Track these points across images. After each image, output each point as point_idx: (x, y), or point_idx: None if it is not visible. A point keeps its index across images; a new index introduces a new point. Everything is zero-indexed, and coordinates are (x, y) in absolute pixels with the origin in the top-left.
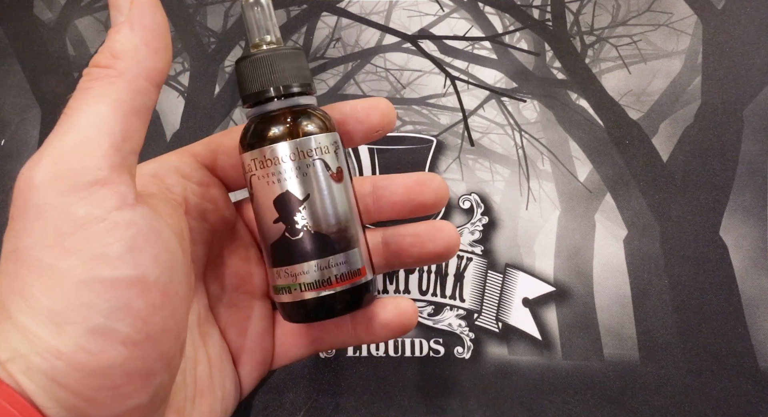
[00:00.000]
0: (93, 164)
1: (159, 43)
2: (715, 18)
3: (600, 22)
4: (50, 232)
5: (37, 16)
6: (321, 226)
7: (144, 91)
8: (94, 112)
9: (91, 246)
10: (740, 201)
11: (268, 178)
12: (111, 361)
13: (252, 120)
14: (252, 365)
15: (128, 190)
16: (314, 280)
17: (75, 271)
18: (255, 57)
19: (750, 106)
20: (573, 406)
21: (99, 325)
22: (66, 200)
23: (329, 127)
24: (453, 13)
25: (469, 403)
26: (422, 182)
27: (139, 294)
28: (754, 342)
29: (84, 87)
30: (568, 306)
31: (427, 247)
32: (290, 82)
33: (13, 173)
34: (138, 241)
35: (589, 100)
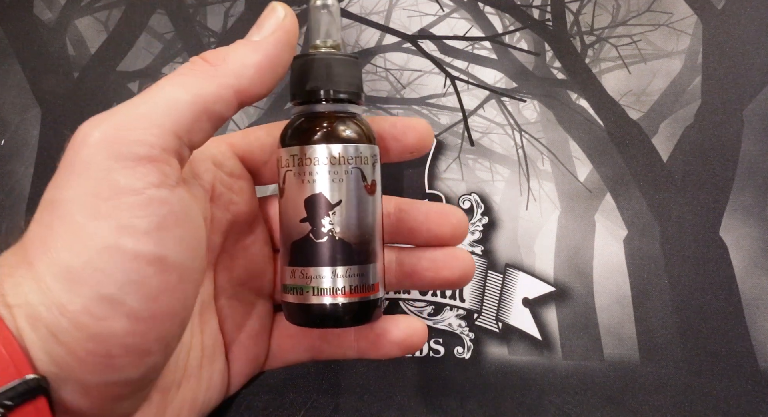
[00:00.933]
0: (149, 141)
1: (268, 75)
2: (715, 18)
3: (600, 22)
4: (89, 192)
5: (37, 16)
6: (346, 234)
7: (227, 101)
8: (173, 96)
9: (123, 215)
10: (740, 201)
11: (303, 176)
12: (112, 330)
13: (298, 117)
14: (243, 362)
15: (173, 171)
16: (328, 286)
17: (101, 236)
18: (314, 57)
19: (750, 106)
20: (573, 406)
21: (110, 294)
22: (112, 165)
23: (372, 139)
24: (453, 13)
25: (469, 403)
26: (444, 214)
27: (156, 272)
28: (754, 342)
29: (181, 71)
30: (568, 306)
31: (441, 273)
32: (343, 88)
33: (13, 173)
34: (168, 221)
35: (589, 100)
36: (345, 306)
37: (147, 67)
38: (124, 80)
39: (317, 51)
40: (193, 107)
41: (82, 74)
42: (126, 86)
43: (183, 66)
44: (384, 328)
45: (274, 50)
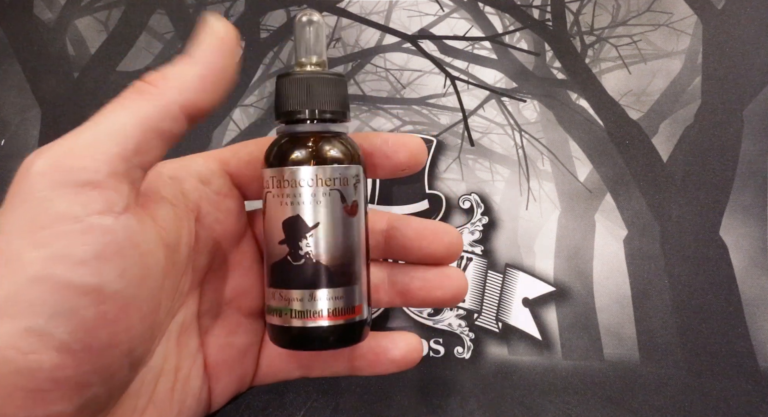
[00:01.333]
0: (93, 166)
1: (212, 85)
2: (715, 18)
3: (600, 22)
4: (27, 221)
5: (37, 16)
6: (324, 257)
7: (174, 117)
8: (116, 121)
9: (59, 244)
10: (740, 201)
11: (282, 198)
12: (39, 364)
13: (280, 137)
14: (227, 382)
15: (119, 198)
16: (305, 309)
17: (33, 266)
18: (296, 76)
19: (750, 106)
20: (573, 406)
21: (37, 326)
22: (52, 194)
23: (354, 158)
24: (453, 13)
25: (469, 403)
26: (436, 233)
27: (91, 304)
28: (754, 342)
29: (123, 96)
30: (568, 306)
31: (433, 293)
32: (325, 107)
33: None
34: (108, 251)
35: (589, 100)
36: (326, 329)
37: (147, 67)
38: (124, 80)
39: (302, 69)
40: (139, 129)
41: (82, 74)
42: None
43: (125, 91)
44: (382, 346)
45: (212, 58)
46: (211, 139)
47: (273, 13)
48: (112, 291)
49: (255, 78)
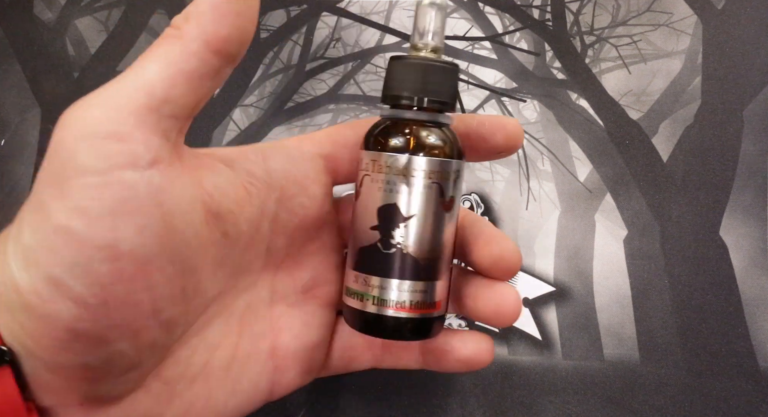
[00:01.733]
0: (118, 117)
1: (229, 9)
2: (715, 18)
3: (600, 22)
4: (55, 172)
5: (37, 16)
6: (414, 249)
7: (199, 55)
8: (142, 69)
9: (79, 196)
10: (740, 201)
11: (381, 183)
12: (57, 313)
13: (385, 119)
14: (296, 372)
15: (146, 151)
16: (389, 298)
17: (56, 216)
18: (413, 60)
19: (750, 106)
20: (573, 406)
21: (56, 276)
22: (78, 145)
23: (458, 153)
24: (453, 13)
25: (469, 403)
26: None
27: (106, 259)
28: (754, 342)
29: (153, 44)
30: (568, 306)
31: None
32: (437, 96)
33: (13, 173)
34: (126, 206)
35: (589, 100)
36: (404, 320)
37: None
38: None
39: (417, 53)
40: (163, 74)
41: (82, 74)
42: None
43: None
44: (452, 345)
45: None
46: (211, 139)
47: (273, 13)
48: (128, 248)
49: (255, 78)
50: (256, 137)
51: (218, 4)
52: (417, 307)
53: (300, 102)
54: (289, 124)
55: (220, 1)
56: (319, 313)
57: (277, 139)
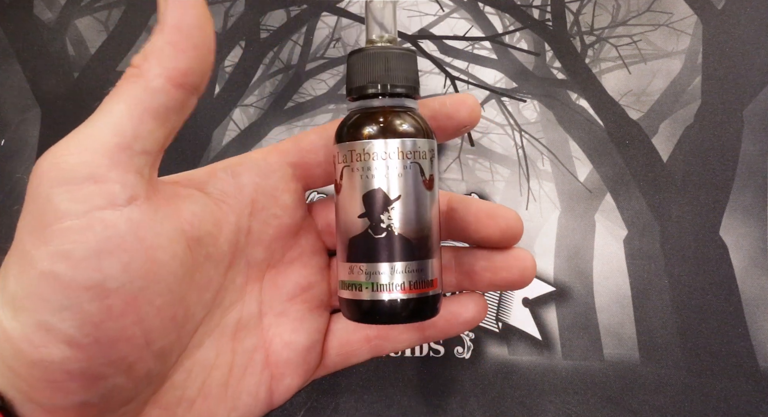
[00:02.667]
0: (91, 160)
1: (186, 43)
2: (715, 18)
3: (600, 22)
4: (35, 219)
5: (37, 16)
6: (405, 230)
7: (162, 90)
8: (109, 111)
9: (60, 241)
10: (740, 201)
11: (361, 171)
12: (50, 357)
13: (354, 112)
14: (293, 378)
15: (122, 189)
16: (387, 282)
17: (40, 262)
18: (369, 52)
19: (750, 106)
20: (573, 406)
21: (46, 321)
22: (55, 191)
23: (429, 133)
24: (453, 13)
25: (469, 403)
26: (493, 216)
27: (93, 299)
28: (754, 342)
29: (115, 86)
30: (568, 306)
31: (500, 274)
32: (400, 82)
33: (13, 173)
34: (110, 245)
35: (589, 100)
36: (403, 302)
37: None
38: None
39: (373, 45)
40: (132, 114)
41: (82, 74)
42: None
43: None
44: (453, 312)
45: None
46: (211, 139)
47: (273, 13)
48: (115, 286)
49: (255, 78)
50: (256, 137)
51: (174, 39)
52: (415, 287)
53: (300, 102)
54: (289, 124)
55: (175, 37)
56: (309, 317)
57: (277, 139)
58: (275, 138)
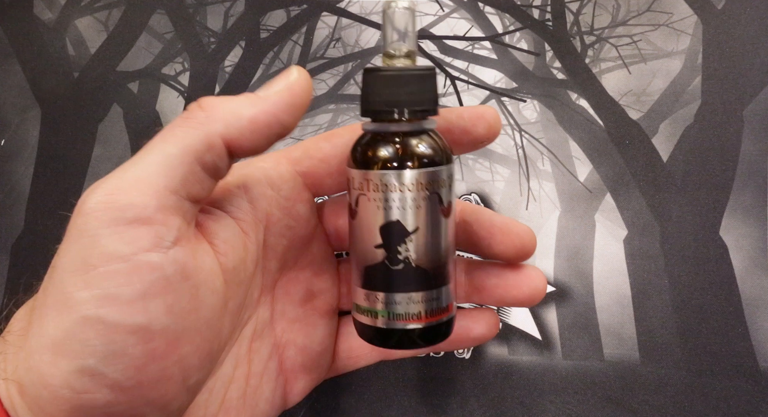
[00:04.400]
0: (141, 202)
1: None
2: (715, 18)
3: (600, 22)
4: (79, 260)
5: (37, 16)
6: (422, 261)
7: (218, 151)
8: (163, 152)
9: (107, 284)
10: (740, 201)
11: (379, 202)
12: (93, 402)
13: (369, 133)
14: (306, 381)
15: (168, 232)
16: (404, 312)
17: (84, 306)
18: (390, 72)
19: (750, 106)
20: (573, 406)
21: (89, 366)
22: (102, 232)
23: (449, 157)
24: (453, 13)
25: (469, 403)
26: (507, 232)
27: (139, 342)
28: (754, 342)
29: (174, 123)
30: (568, 306)
31: (510, 292)
32: (422, 104)
33: (13, 173)
34: (156, 287)
35: (589, 100)
36: (420, 330)
37: (147, 67)
38: (124, 80)
39: (391, 60)
40: (183, 159)
41: (82, 74)
42: (126, 86)
43: (178, 117)
44: (464, 326)
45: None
46: None
47: (273, 13)
48: (160, 328)
49: (255, 78)
50: None
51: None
52: (431, 315)
53: None
54: None
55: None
56: (320, 322)
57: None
58: None
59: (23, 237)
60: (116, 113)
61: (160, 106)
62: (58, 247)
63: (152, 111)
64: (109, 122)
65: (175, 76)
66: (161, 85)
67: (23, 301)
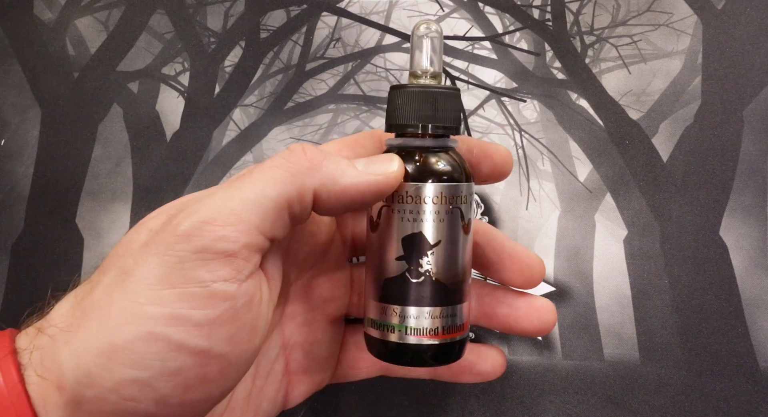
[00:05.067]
0: (233, 236)
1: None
2: (715, 18)
3: (600, 22)
4: (158, 275)
5: (37, 16)
6: (442, 275)
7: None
8: (261, 193)
9: (181, 305)
10: (740, 201)
11: (403, 214)
12: (135, 410)
13: (392, 148)
14: (308, 385)
15: (247, 266)
16: (420, 327)
17: (152, 322)
18: (416, 89)
19: (750, 106)
20: (573, 406)
21: (142, 378)
22: (191, 256)
23: (469, 176)
24: (453, 13)
25: (469, 403)
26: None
27: (196, 364)
28: (754, 342)
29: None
30: (568, 306)
31: (520, 323)
32: (445, 122)
33: (13, 173)
34: (225, 316)
35: (589, 100)
36: (433, 347)
37: (147, 67)
38: (124, 80)
39: (417, 81)
40: (277, 205)
41: (82, 74)
42: (126, 86)
43: (281, 153)
44: (469, 360)
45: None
46: (212, 139)
47: (273, 13)
48: (218, 354)
49: (255, 78)
50: (256, 137)
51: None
52: (446, 332)
53: (300, 102)
54: (289, 124)
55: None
56: (329, 327)
57: (277, 139)
58: (275, 138)
59: (23, 237)
60: (116, 113)
61: (160, 106)
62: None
63: (152, 111)
64: (109, 122)
65: (175, 76)
66: (161, 85)
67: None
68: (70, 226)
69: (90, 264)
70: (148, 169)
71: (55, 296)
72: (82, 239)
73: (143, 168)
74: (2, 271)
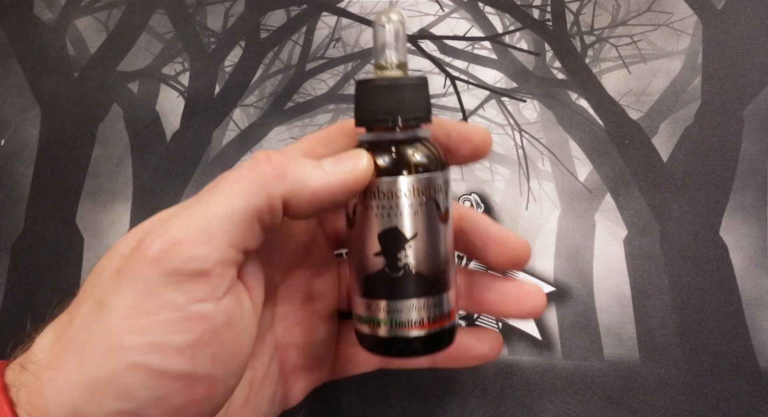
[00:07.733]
0: (203, 255)
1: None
2: (715, 18)
3: (600, 22)
4: (132, 304)
5: (37, 16)
6: (422, 267)
7: (277, 212)
8: (229, 206)
9: (158, 331)
10: (740, 201)
11: (376, 209)
12: None
13: (365, 144)
14: (305, 383)
15: (222, 283)
16: (405, 319)
17: (132, 352)
18: (379, 82)
19: (750, 106)
20: (573, 406)
21: (131, 410)
22: (162, 280)
23: (444, 163)
24: (453, 13)
25: (469, 403)
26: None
27: (182, 388)
28: (754, 342)
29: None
30: (568, 306)
31: (509, 307)
32: (415, 113)
33: (13, 173)
34: (205, 337)
35: (589, 100)
36: (421, 338)
37: (147, 67)
38: (124, 80)
39: (382, 72)
40: (246, 217)
41: (82, 74)
42: (126, 86)
43: (246, 163)
44: (466, 344)
45: (335, 187)
46: (212, 139)
47: (273, 13)
48: (203, 375)
49: (255, 78)
50: (256, 137)
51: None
52: (433, 321)
53: (300, 102)
54: (289, 124)
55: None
56: (321, 324)
57: (277, 139)
58: (275, 138)
59: (23, 237)
60: (116, 113)
61: (160, 106)
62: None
63: (152, 111)
64: (109, 122)
65: (175, 76)
66: (161, 85)
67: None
68: (70, 226)
69: (90, 264)
70: (148, 169)
71: (35, 328)
72: (82, 239)
73: (143, 168)
74: (2, 271)
